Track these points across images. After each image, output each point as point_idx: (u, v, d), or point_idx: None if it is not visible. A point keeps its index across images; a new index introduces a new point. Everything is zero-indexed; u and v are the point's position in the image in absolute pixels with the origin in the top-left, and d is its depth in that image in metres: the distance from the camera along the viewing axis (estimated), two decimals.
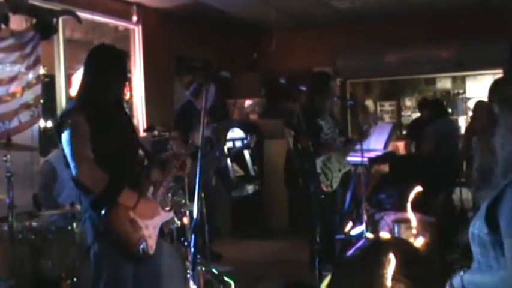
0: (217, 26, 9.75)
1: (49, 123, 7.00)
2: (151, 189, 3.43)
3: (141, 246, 3.22)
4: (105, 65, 3.44)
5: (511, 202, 2.00)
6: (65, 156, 3.27)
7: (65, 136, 3.20)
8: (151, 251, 3.31)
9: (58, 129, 3.28)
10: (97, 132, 3.22)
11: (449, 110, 9.54)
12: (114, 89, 3.47)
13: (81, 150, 3.16)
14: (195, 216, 2.77)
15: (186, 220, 5.20)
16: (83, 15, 6.50)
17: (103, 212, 3.15)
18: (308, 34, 10.27)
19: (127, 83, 3.65)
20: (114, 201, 3.18)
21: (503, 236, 2.01)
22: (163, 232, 3.78)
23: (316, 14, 9.32)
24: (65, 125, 3.22)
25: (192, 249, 2.73)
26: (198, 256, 4.90)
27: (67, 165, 3.27)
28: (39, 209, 5.50)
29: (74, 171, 3.16)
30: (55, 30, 5.88)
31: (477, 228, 2.15)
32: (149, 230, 3.30)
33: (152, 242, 3.31)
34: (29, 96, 5.71)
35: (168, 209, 3.59)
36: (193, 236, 2.74)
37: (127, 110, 3.77)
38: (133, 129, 3.72)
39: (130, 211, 3.22)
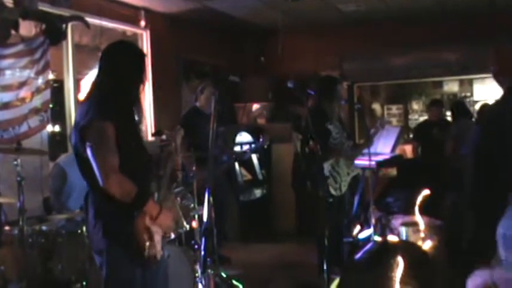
0: (225, 31, 9.79)
1: (57, 128, 7.04)
2: (155, 195, 3.44)
3: (153, 253, 3.25)
4: (127, 61, 3.35)
5: None
6: (83, 162, 3.20)
7: (90, 144, 3.10)
8: (159, 257, 3.33)
9: (82, 135, 3.14)
10: (121, 139, 3.15)
11: None
12: (135, 88, 3.39)
13: (110, 160, 3.09)
14: (205, 220, 2.80)
15: (194, 224, 5.23)
16: (91, 20, 6.53)
17: (127, 219, 3.14)
18: (314, 37, 10.28)
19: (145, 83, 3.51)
20: (141, 210, 3.17)
21: None
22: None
23: (322, 17, 9.35)
24: (92, 132, 3.10)
25: (202, 253, 2.74)
26: (208, 260, 4.93)
27: (87, 172, 3.21)
28: (49, 212, 5.54)
29: (101, 182, 3.07)
30: (64, 36, 5.92)
31: (505, 227, 2.06)
32: (158, 236, 3.32)
33: (159, 247, 3.33)
34: (38, 101, 5.74)
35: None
36: (203, 240, 2.76)
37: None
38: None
39: (146, 219, 3.22)
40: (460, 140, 7.47)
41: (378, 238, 5.95)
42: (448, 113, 8.97)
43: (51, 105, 6.00)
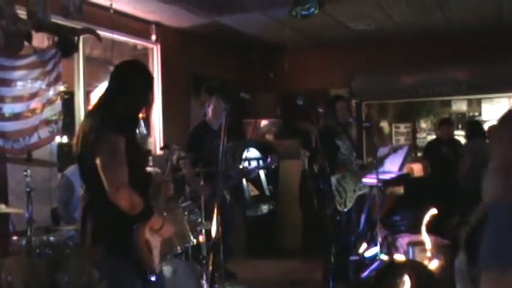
0: (235, 46, 9.84)
1: (65, 139, 7.07)
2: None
3: (153, 267, 3.27)
4: (136, 83, 3.41)
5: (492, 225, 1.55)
6: (87, 173, 3.25)
7: (103, 156, 3.12)
8: (158, 270, 3.36)
9: (95, 146, 3.15)
10: (130, 153, 3.18)
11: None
12: (140, 108, 3.52)
13: (120, 173, 3.11)
14: (213, 235, 2.81)
15: (201, 238, 5.23)
16: (103, 33, 6.57)
17: (128, 232, 3.16)
18: (324, 55, 10.33)
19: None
20: (146, 223, 3.20)
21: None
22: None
23: (332, 35, 9.39)
24: (106, 144, 3.12)
25: (210, 268, 2.76)
26: (215, 275, 4.92)
27: (90, 184, 3.26)
28: (57, 223, 5.56)
29: (110, 194, 3.08)
30: (76, 48, 5.96)
31: (459, 260, 1.74)
32: (156, 251, 3.34)
33: (158, 261, 3.36)
34: (49, 112, 5.75)
35: None
36: (211, 255, 2.78)
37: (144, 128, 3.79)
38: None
39: (146, 232, 3.23)
40: (474, 161, 7.44)
41: (384, 257, 5.94)
42: (457, 132, 8.97)
43: (61, 117, 6.02)
